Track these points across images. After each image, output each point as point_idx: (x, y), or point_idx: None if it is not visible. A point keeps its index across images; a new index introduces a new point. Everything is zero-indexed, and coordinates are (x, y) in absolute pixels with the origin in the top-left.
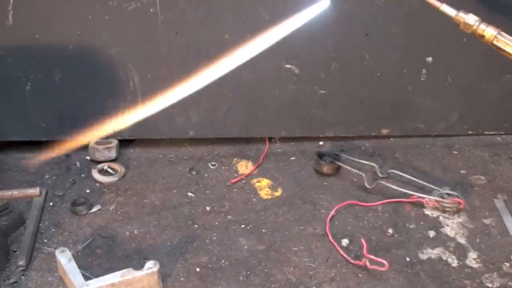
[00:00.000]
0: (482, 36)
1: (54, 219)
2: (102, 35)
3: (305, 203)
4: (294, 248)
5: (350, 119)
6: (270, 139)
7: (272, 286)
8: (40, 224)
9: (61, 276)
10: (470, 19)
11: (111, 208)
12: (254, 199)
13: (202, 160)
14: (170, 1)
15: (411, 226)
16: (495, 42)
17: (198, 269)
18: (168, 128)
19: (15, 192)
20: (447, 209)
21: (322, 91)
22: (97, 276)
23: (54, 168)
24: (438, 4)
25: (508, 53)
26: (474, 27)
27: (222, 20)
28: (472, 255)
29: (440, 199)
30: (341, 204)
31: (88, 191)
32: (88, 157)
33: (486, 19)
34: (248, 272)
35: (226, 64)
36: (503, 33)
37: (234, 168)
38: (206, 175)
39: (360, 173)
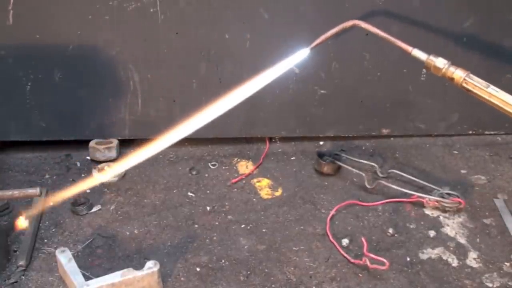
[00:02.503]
0: (452, 79)
1: (54, 219)
2: (102, 35)
3: (306, 203)
4: (294, 248)
5: (350, 119)
6: (270, 139)
7: (273, 286)
8: (40, 224)
9: (61, 276)
10: (440, 62)
11: (111, 208)
12: (254, 199)
13: (202, 160)
14: (170, 1)
15: (412, 226)
16: (464, 85)
17: (198, 269)
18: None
19: (16, 192)
20: (447, 209)
21: (322, 91)
22: (97, 276)
23: (54, 168)
24: (409, 49)
25: (477, 95)
26: (444, 70)
27: (222, 20)
28: (472, 254)
29: (441, 199)
30: (341, 204)
31: (88, 191)
32: (88, 157)
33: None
34: (249, 272)
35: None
36: (472, 75)
37: (235, 168)
38: (206, 175)
39: (361, 173)
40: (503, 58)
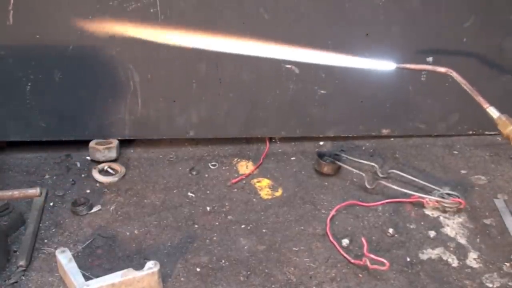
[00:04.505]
0: None
1: (54, 219)
2: (102, 35)
3: (306, 203)
4: (294, 248)
5: (350, 119)
6: (270, 139)
7: (273, 286)
8: (41, 224)
9: (61, 276)
10: (509, 122)
11: (111, 208)
12: (254, 199)
13: (202, 160)
14: (170, 1)
15: (412, 226)
16: None
17: (198, 269)
18: (168, 128)
19: (15, 192)
20: (447, 209)
21: (322, 91)
22: (97, 276)
23: (54, 168)
24: (486, 105)
25: None
26: (508, 130)
27: (222, 20)
28: (473, 255)
29: (441, 199)
30: (341, 204)
31: (88, 191)
32: (88, 157)
33: None
34: (249, 272)
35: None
36: None
37: (235, 168)
38: (206, 175)
39: (361, 173)
40: (503, 58)
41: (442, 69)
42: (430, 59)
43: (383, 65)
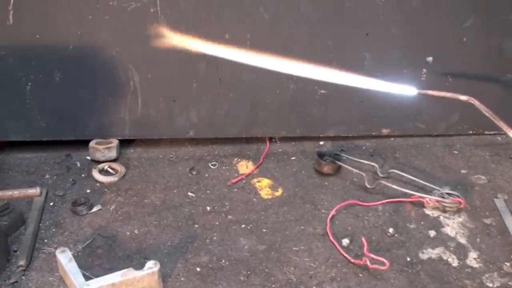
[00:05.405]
0: None
1: (54, 219)
2: (102, 35)
3: (306, 203)
4: (294, 248)
5: (350, 119)
6: (270, 139)
7: (273, 286)
8: (41, 224)
9: (61, 276)
10: None
11: (111, 208)
12: (254, 199)
13: (202, 160)
14: (170, 1)
15: (412, 226)
16: None
17: (198, 269)
18: (168, 128)
19: (16, 192)
20: (447, 209)
21: (322, 91)
22: (97, 276)
23: (54, 168)
24: (509, 129)
25: None
26: None
27: (222, 20)
28: (473, 255)
29: (441, 199)
30: (341, 204)
31: (88, 191)
32: (88, 157)
33: None
34: (249, 272)
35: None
36: None
37: (235, 168)
38: (206, 175)
39: (361, 173)
40: (503, 58)
41: (463, 97)
42: (430, 59)
43: (404, 90)
